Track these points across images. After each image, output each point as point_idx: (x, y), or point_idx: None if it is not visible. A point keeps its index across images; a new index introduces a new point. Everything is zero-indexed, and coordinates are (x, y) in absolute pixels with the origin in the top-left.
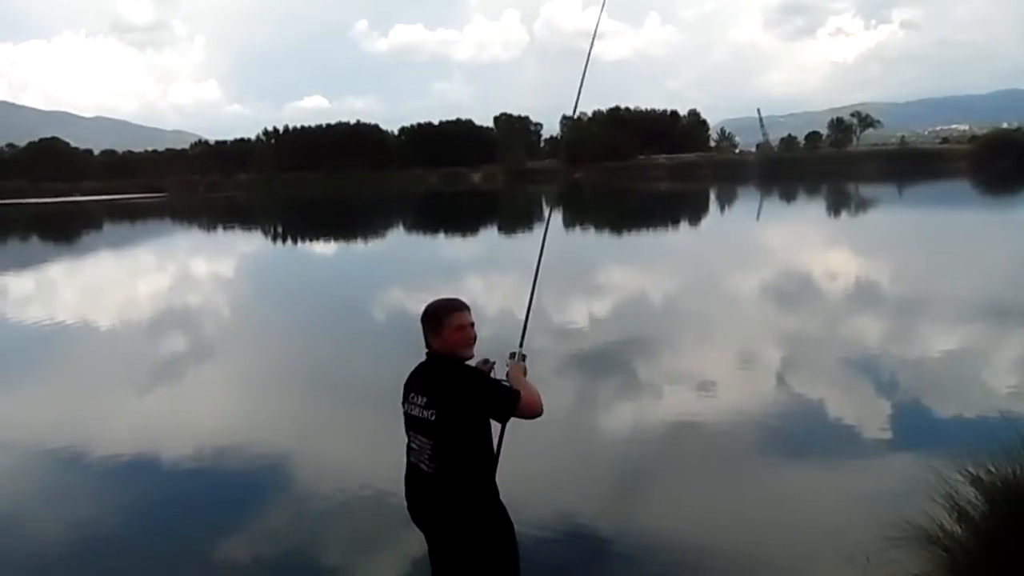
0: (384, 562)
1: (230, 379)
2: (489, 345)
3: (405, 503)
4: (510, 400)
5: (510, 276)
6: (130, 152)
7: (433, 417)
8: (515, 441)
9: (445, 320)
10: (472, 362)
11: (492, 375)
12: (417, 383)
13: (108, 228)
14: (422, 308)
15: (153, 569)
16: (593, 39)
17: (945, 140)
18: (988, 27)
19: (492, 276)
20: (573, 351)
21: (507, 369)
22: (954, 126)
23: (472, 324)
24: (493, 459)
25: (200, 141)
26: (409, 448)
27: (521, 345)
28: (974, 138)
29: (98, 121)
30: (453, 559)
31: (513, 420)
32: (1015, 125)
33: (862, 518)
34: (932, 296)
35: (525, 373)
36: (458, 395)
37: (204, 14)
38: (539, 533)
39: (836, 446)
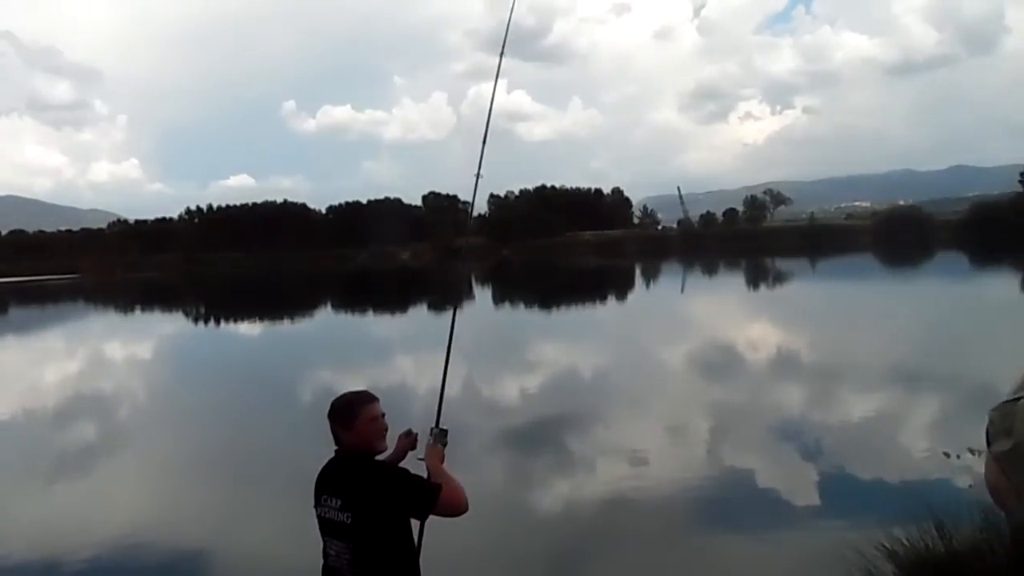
0: None
1: (143, 469)
2: (417, 423)
3: None
4: (430, 497)
5: (438, 354)
6: (41, 232)
7: (349, 520)
8: (444, 523)
9: (358, 412)
10: (393, 437)
11: (415, 447)
12: (329, 484)
13: (14, 312)
14: (341, 393)
15: None
16: (488, 119)
17: (850, 216)
18: (881, 113)
19: (420, 354)
20: (504, 426)
21: (425, 452)
22: (856, 203)
23: (383, 415)
24: (415, 553)
25: (119, 220)
26: (326, 553)
27: (437, 423)
28: (875, 214)
29: (8, 200)
30: None
31: None
32: (910, 202)
33: None
34: (845, 365)
35: (443, 456)
36: (374, 496)
37: (127, 93)
38: None
39: (756, 517)
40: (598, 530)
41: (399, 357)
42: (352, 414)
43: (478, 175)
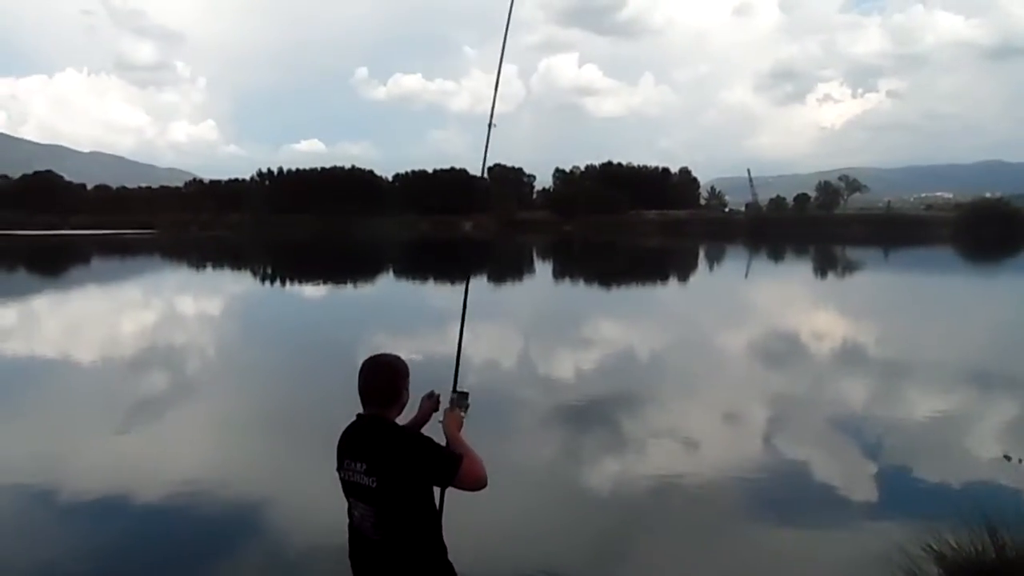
0: None
1: (210, 420)
2: (475, 397)
3: (350, 564)
4: (451, 468)
5: (488, 324)
6: (124, 188)
7: (374, 484)
8: (491, 494)
9: (404, 387)
10: (416, 398)
11: (440, 408)
12: (353, 448)
13: (96, 263)
14: (409, 355)
15: None
16: (495, 96)
17: (930, 207)
18: (972, 100)
19: (477, 325)
20: (554, 402)
21: (443, 416)
22: (938, 194)
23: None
24: (438, 518)
25: (194, 180)
26: (351, 513)
27: (455, 387)
28: (958, 206)
29: (94, 156)
30: None
31: None
32: (997, 195)
33: None
34: (914, 362)
35: (462, 421)
36: (399, 462)
37: (207, 55)
38: None
39: (806, 512)
40: (643, 514)
41: (451, 326)
42: (399, 390)
43: (490, 124)
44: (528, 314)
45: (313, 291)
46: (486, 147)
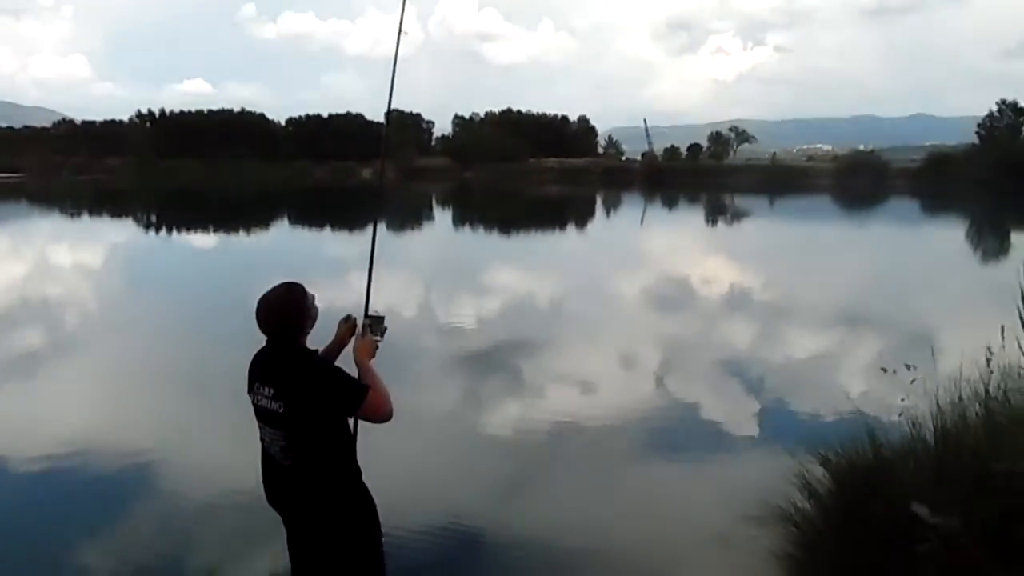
0: (254, 564)
1: (90, 376)
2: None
3: (263, 489)
4: (355, 399)
5: (390, 272)
6: None
7: (281, 410)
8: (393, 439)
9: (309, 303)
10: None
11: (354, 332)
12: (262, 372)
13: None
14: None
15: None
16: (399, 38)
17: (811, 158)
18: (851, 56)
19: (377, 273)
20: (455, 349)
21: (354, 344)
22: (818, 146)
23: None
24: (351, 442)
25: (64, 120)
26: (261, 439)
27: (366, 312)
28: (835, 158)
29: None
30: (316, 544)
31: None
32: (871, 148)
33: (726, 505)
34: (796, 303)
35: (375, 349)
36: (304, 389)
37: None
38: (414, 530)
39: (704, 442)
40: (543, 456)
41: (352, 274)
42: (294, 320)
43: (395, 68)
44: (427, 262)
45: (202, 239)
46: (391, 92)
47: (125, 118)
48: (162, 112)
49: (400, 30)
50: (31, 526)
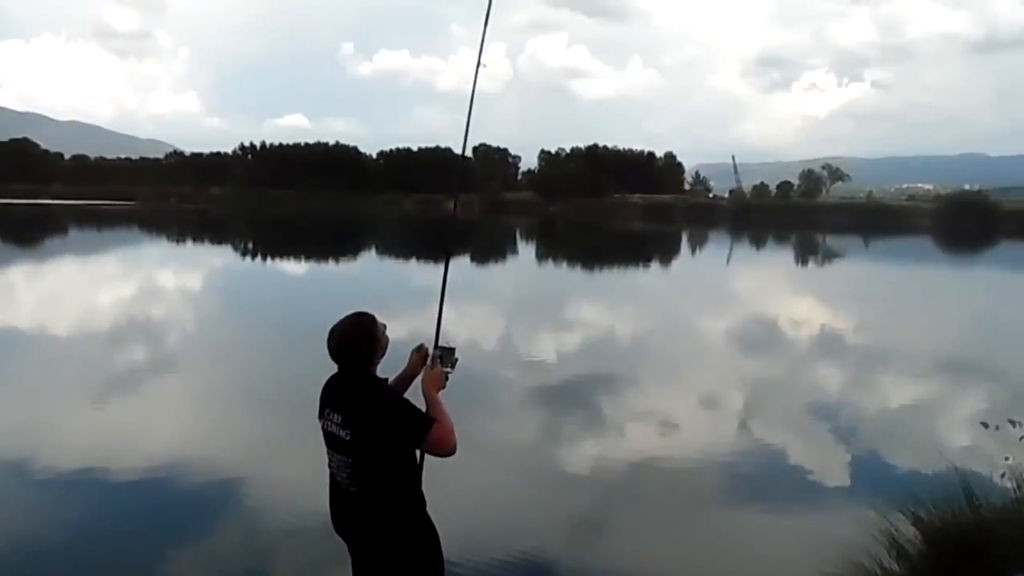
0: None
1: (188, 394)
2: (456, 376)
3: (330, 515)
4: (419, 432)
5: (473, 304)
6: (102, 158)
7: (348, 437)
8: (467, 471)
9: (378, 332)
10: (392, 365)
11: (429, 359)
12: (332, 399)
13: (74, 233)
14: (395, 334)
15: None
16: (476, 71)
17: (911, 197)
18: (957, 93)
19: (458, 305)
20: (537, 384)
21: (423, 375)
22: (920, 185)
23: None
24: (416, 471)
25: (175, 152)
26: (329, 464)
27: (436, 343)
28: (938, 197)
29: (72, 125)
30: (375, 573)
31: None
32: (977, 187)
33: (805, 558)
34: (892, 349)
35: (445, 380)
36: (370, 420)
37: (190, 25)
38: (487, 562)
39: (788, 489)
40: (622, 494)
41: (433, 305)
42: (362, 349)
43: (479, 63)
44: (510, 295)
45: (295, 267)
46: (467, 129)
47: (229, 150)
48: (263, 145)
49: (479, 63)
50: (125, 533)
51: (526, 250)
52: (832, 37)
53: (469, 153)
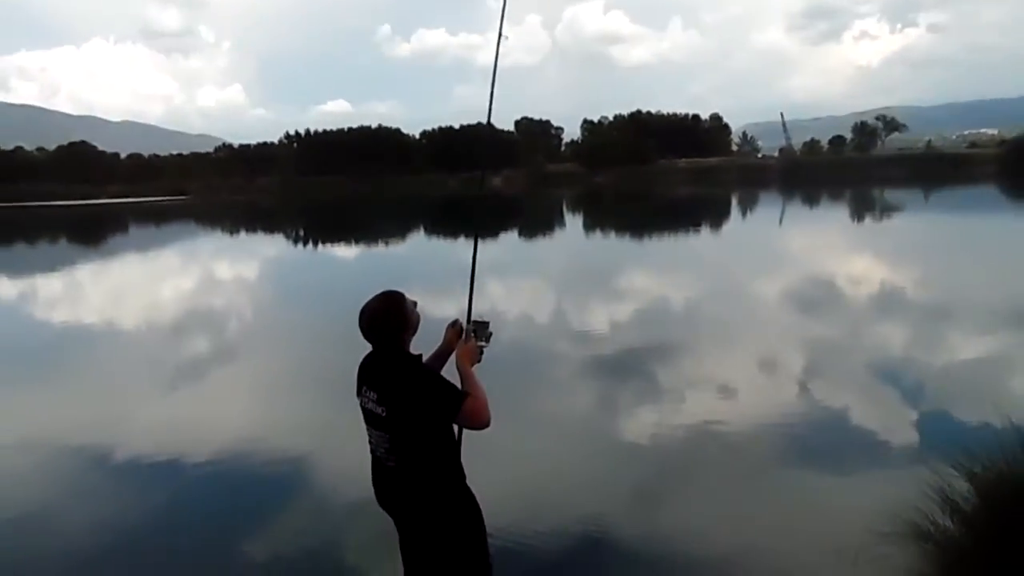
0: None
1: (254, 383)
2: (508, 350)
3: (373, 489)
4: (453, 405)
5: (524, 279)
6: (155, 155)
7: (384, 413)
8: (523, 443)
9: (410, 309)
10: (426, 341)
11: (463, 335)
12: (368, 376)
13: (133, 230)
14: (437, 311)
15: (176, 571)
16: (497, 49)
17: (973, 144)
18: (1017, 31)
19: (512, 280)
20: (591, 354)
21: (457, 351)
22: (982, 130)
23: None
24: (455, 445)
25: (224, 144)
26: (369, 440)
27: (469, 317)
28: (1003, 142)
29: (125, 125)
30: (421, 546)
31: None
32: None
33: (859, 517)
34: (951, 303)
35: (480, 354)
36: (405, 395)
37: (230, 19)
38: (546, 532)
39: (845, 450)
40: (680, 462)
41: (484, 282)
42: (392, 327)
43: (500, 35)
44: (560, 267)
45: (346, 251)
46: (491, 99)
47: (275, 140)
48: (307, 132)
49: (500, 35)
50: (199, 517)
51: (573, 222)
52: None
53: (511, 127)
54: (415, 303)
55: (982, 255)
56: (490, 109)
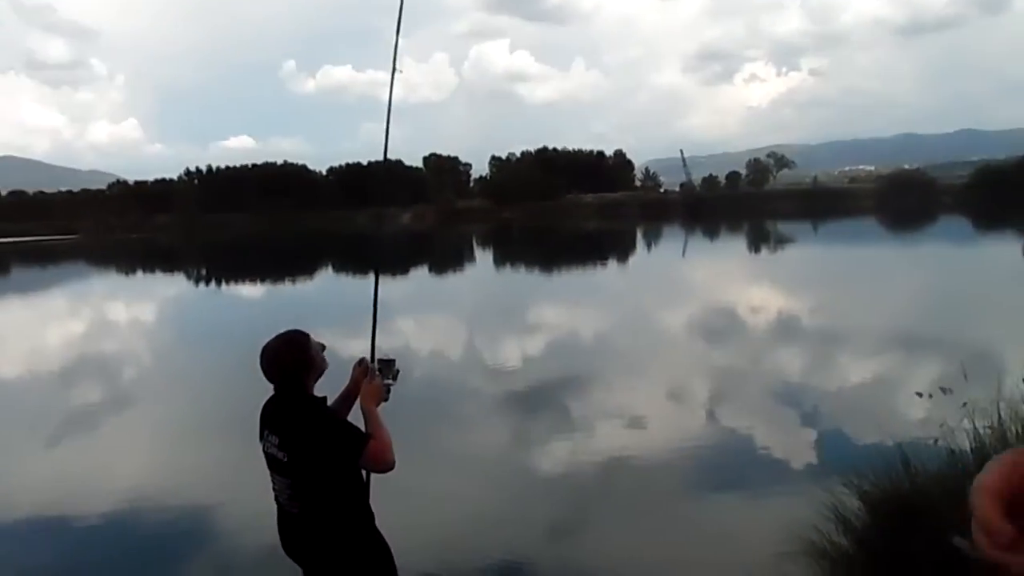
0: None
1: (144, 428)
2: (422, 387)
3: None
4: (355, 448)
5: (434, 315)
6: (41, 192)
7: (286, 458)
8: (443, 483)
9: (311, 349)
10: (331, 382)
11: (367, 375)
12: (269, 420)
13: (15, 272)
14: (347, 350)
15: None
16: (392, 83)
17: (853, 180)
18: (889, 76)
19: (418, 314)
20: (502, 389)
21: (362, 389)
22: (861, 167)
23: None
24: (361, 488)
25: (118, 181)
26: (273, 487)
27: (372, 356)
28: (879, 177)
29: (6, 160)
30: None
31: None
32: (915, 166)
33: (759, 537)
34: (840, 329)
35: (387, 393)
36: (305, 440)
37: (124, 52)
38: (462, 570)
39: (743, 473)
40: (593, 493)
41: (399, 320)
42: (291, 367)
43: (393, 69)
44: (470, 302)
45: (249, 291)
46: (386, 134)
47: (175, 176)
48: (208, 168)
49: (393, 70)
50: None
51: (483, 257)
52: (767, 28)
53: (420, 163)
54: (323, 346)
55: (867, 283)
56: (386, 144)
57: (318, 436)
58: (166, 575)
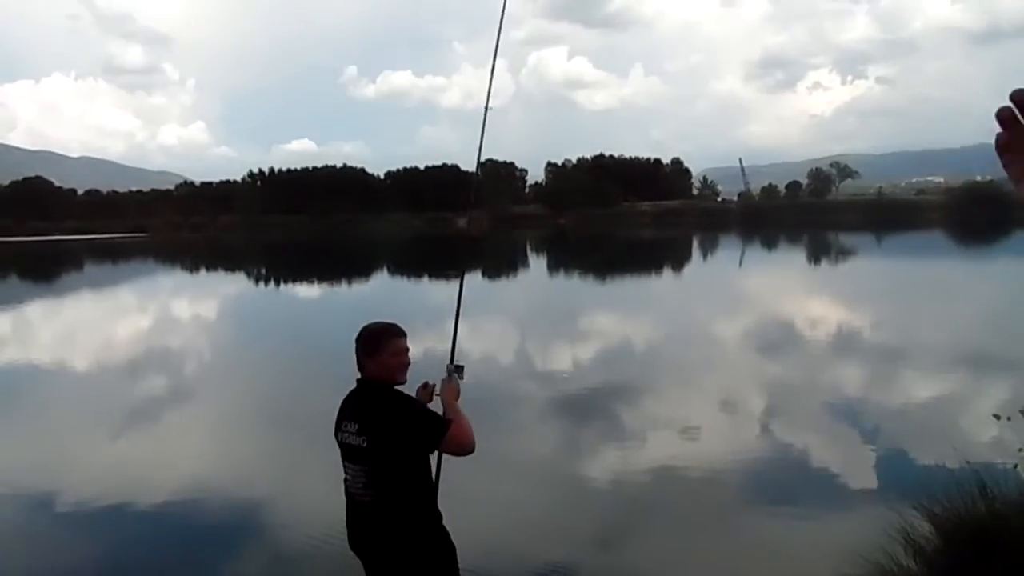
0: None
1: (207, 421)
2: (474, 390)
3: (347, 531)
4: (438, 431)
5: (487, 319)
6: (114, 192)
7: (364, 444)
8: (491, 486)
9: (383, 345)
10: (411, 388)
11: (431, 399)
12: (348, 411)
13: (89, 268)
14: (413, 352)
15: None
16: (489, 91)
17: (921, 192)
18: (961, 84)
19: (475, 320)
20: (555, 395)
21: (440, 388)
22: (929, 178)
23: (407, 350)
24: (432, 485)
25: (186, 182)
26: (345, 479)
27: (452, 360)
28: (949, 190)
29: (84, 161)
30: None
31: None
32: (988, 178)
33: (817, 556)
34: (907, 345)
35: (458, 391)
36: (387, 422)
37: (195, 58)
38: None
39: (801, 492)
40: (643, 502)
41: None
42: (377, 345)
43: (487, 107)
44: (524, 308)
45: (308, 291)
46: (480, 144)
47: (239, 178)
48: (271, 171)
49: (492, 79)
50: (151, 565)
51: (537, 263)
52: (832, 35)
53: (542, 167)
54: (407, 349)
55: (935, 299)
56: (480, 150)
57: (401, 419)
58: (222, 566)
